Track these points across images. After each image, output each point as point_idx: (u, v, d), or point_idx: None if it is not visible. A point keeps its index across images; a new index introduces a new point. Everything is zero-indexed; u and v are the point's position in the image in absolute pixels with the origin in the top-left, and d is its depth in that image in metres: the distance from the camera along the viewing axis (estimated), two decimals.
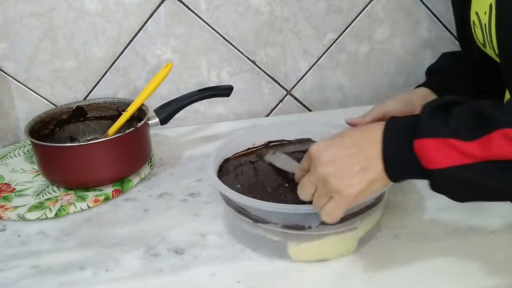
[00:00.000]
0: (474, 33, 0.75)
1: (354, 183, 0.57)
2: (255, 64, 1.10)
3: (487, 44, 0.71)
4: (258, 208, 0.65)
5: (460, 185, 0.54)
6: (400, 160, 0.56)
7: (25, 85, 1.03)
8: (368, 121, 0.77)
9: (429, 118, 0.54)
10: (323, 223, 0.63)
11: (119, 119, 0.91)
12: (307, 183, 0.61)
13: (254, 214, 0.67)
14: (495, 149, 0.50)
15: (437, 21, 1.12)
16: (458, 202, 0.58)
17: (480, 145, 0.51)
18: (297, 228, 0.65)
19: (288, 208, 0.64)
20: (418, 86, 0.85)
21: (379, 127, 0.57)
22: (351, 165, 0.57)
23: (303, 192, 0.62)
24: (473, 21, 0.73)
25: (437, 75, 0.89)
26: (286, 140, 0.86)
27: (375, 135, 0.57)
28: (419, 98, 0.81)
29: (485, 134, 0.51)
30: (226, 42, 1.07)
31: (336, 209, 0.58)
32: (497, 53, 0.68)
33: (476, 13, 0.72)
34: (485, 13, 0.69)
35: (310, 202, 0.62)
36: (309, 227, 0.65)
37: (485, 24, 0.70)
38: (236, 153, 0.82)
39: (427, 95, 0.82)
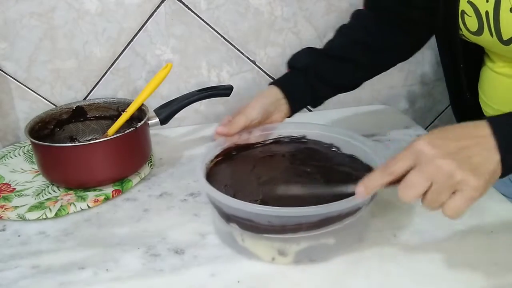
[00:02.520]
0: (462, 22, 0.76)
1: (480, 173, 0.54)
2: (255, 64, 1.10)
3: (485, 32, 0.73)
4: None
5: None
6: None
7: (25, 85, 1.03)
8: (236, 131, 0.77)
9: None
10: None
11: (119, 119, 0.91)
12: (419, 179, 0.55)
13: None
14: None
15: None
16: None
17: None
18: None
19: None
20: (274, 83, 0.85)
21: (482, 124, 0.56)
22: (471, 156, 0.54)
23: (413, 190, 0.56)
24: (463, 10, 0.74)
25: (296, 74, 0.87)
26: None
27: (480, 131, 0.56)
28: (276, 101, 0.82)
29: None
30: (226, 42, 1.07)
31: (465, 203, 0.55)
32: (503, 39, 0.70)
33: (470, 2, 0.72)
34: (487, 1, 0.69)
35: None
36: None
37: (486, 12, 0.70)
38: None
39: (280, 98, 0.83)
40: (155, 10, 1.02)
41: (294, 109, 0.85)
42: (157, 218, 0.79)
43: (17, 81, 1.02)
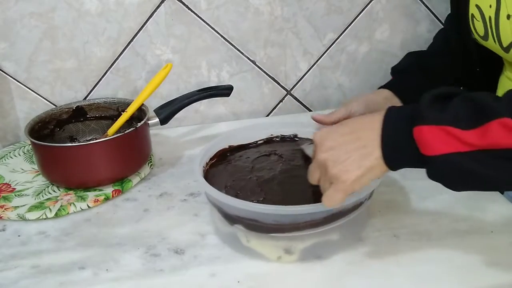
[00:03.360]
0: (472, 26, 0.75)
1: (351, 169, 0.58)
2: (255, 64, 1.10)
3: (489, 37, 0.71)
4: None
5: (457, 172, 0.54)
6: (398, 147, 0.57)
7: (25, 85, 1.03)
8: (334, 120, 0.80)
9: (429, 107, 0.55)
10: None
11: (119, 119, 0.91)
12: (313, 168, 0.63)
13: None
14: (493, 138, 0.51)
15: (437, 21, 1.12)
16: (455, 191, 0.59)
17: (479, 134, 0.52)
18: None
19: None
20: (381, 87, 0.88)
21: (379, 116, 0.58)
22: (348, 152, 0.58)
23: (310, 177, 0.63)
24: (472, 14, 0.73)
25: (400, 76, 0.91)
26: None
27: (374, 123, 0.58)
28: (383, 99, 0.84)
29: (483, 123, 0.51)
30: (226, 42, 1.07)
31: (334, 195, 0.59)
32: (503, 46, 0.69)
33: (477, 5, 0.71)
34: (490, 6, 0.68)
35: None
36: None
37: (489, 17, 0.69)
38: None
39: (389, 97, 0.85)
40: (155, 10, 1.02)
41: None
42: (157, 218, 0.79)
43: (17, 81, 1.02)
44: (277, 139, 0.86)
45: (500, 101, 0.53)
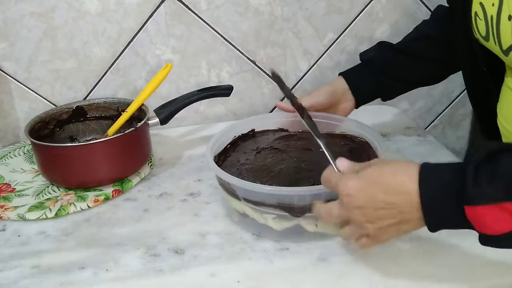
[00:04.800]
0: (475, 25, 0.72)
1: (390, 232, 0.58)
2: (255, 64, 1.10)
3: (490, 38, 0.69)
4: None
5: None
6: (447, 220, 0.54)
7: (25, 85, 1.03)
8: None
9: (476, 180, 0.50)
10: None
11: (119, 119, 0.91)
12: (337, 213, 0.60)
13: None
14: None
15: None
16: None
17: None
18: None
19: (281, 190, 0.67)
20: (341, 73, 0.90)
21: (413, 176, 0.54)
22: (384, 218, 0.56)
23: (329, 218, 0.62)
24: (476, 12, 0.71)
25: (362, 67, 0.91)
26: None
27: (409, 185, 0.54)
28: (342, 91, 0.88)
29: None
30: (226, 42, 1.07)
31: (370, 246, 0.60)
32: (503, 49, 0.66)
33: (481, 3, 0.68)
34: (493, 5, 0.66)
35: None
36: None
37: (491, 16, 0.67)
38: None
39: (347, 89, 0.88)
40: (155, 10, 1.02)
41: (359, 100, 0.89)
42: (157, 218, 0.79)
43: (17, 81, 1.02)
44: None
45: None
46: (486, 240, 0.53)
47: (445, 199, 0.52)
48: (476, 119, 0.93)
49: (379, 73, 0.89)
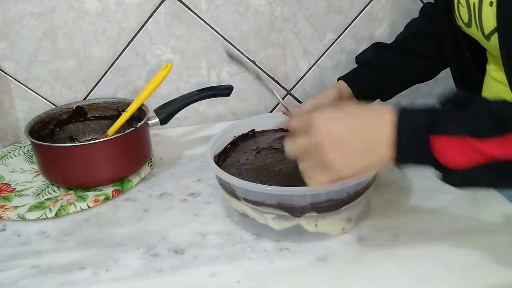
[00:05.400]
0: (457, 12, 0.75)
1: (352, 164, 0.57)
2: (255, 64, 1.10)
3: (473, 24, 0.72)
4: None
5: (475, 182, 0.55)
6: (413, 152, 0.55)
7: (25, 85, 1.03)
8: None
9: (447, 114, 0.54)
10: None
11: (119, 119, 0.91)
12: (302, 145, 0.59)
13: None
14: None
15: None
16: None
17: (499, 145, 0.51)
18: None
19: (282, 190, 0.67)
20: (341, 77, 0.91)
21: (389, 114, 0.56)
22: (353, 146, 0.56)
23: (293, 149, 0.61)
24: (458, 0, 0.74)
25: (362, 70, 0.92)
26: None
27: (384, 121, 0.56)
28: (347, 93, 0.88)
29: (504, 134, 0.51)
30: (226, 42, 1.07)
31: (325, 181, 0.59)
32: (485, 34, 0.70)
33: None
34: None
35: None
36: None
37: (473, 3, 0.70)
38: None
39: (347, 91, 0.89)
40: (155, 10, 1.02)
41: (361, 102, 0.88)
42: (157, 218, 0.79)
43: (17, 81, 1.02)
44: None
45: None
46: (446, 175, 0.55)
47: (415, 131, 0.54)
48: None
49: (378, 74, 0.89)
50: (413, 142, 0.54)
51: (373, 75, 0.89)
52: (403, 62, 0.90)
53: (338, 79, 0.91)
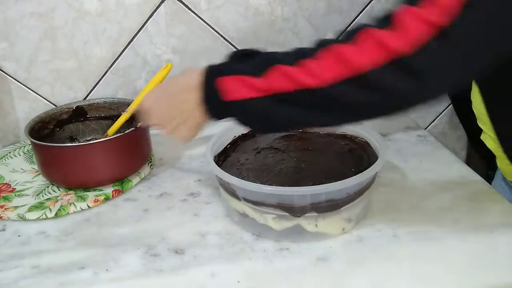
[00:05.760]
0: None
1: (181, 132, 0.72)
2: None
3: None
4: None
5: (253, 116, 0.63)
6: (211, 99, 0.65)
7: (25, 85, 1.03)
8: None
9: (231, 61, 0.67)
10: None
11: (119, 119, 0.91)
12: (151, 124, 0.77)
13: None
14: (274, 83, 0.59)
15: None
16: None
17: (265, 80, 0.60)
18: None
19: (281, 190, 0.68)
20: None
21: (197, 77, 0.66)
22: (176, 119, 0.71)
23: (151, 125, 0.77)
24: None
25: None
26: None
27: (191, 87, 0.67)
28: None
29: (267, 69, 0.60)
30: (226, 42, 1.07)
31: (178, 139, 0.74)
32: None
33: None
34: None
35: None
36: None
37: None
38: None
39: None
40: (155, 10, 1.02)
41: None
42: (157, 218, 0.79)
43: (17, 81, 1.02)
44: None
45: (286, 52, 0.61)
46: (226, 107, 0.63)
47: (209, 80, 0.65)
48: (455, 111, 1.01)
49: None
50: (209, 91, 0.65)
51: None
52: None
53: None
